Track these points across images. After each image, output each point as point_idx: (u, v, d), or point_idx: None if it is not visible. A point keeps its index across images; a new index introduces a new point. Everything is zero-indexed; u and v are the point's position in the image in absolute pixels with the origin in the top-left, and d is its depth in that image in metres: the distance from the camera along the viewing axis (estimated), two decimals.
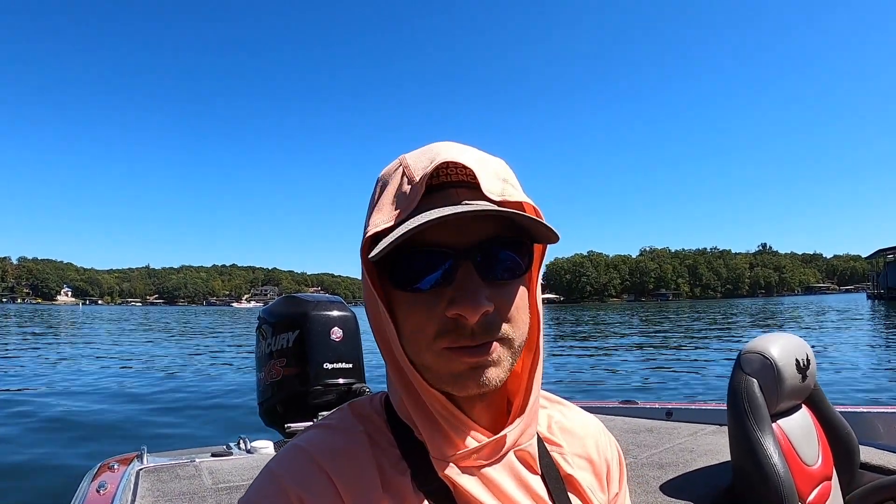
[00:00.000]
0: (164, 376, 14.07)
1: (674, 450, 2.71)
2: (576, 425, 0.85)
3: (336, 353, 2.41)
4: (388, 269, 0.67)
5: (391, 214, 0.66)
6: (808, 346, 2.17)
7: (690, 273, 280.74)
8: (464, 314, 0.63)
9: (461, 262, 0.65)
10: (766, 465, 1.86)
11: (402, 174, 0.69)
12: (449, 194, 0.67)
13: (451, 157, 0.66)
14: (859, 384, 10.82)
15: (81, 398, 10.62)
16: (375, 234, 0.66)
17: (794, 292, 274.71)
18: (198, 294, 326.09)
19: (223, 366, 16.67)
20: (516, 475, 0.72)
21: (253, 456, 2.72)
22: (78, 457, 6.36)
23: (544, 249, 0.77)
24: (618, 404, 3.75)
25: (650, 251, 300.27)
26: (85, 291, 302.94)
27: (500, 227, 0.68)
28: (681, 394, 10.76)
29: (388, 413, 0.75)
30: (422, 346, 0.66)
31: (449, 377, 0.66)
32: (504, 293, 0.67)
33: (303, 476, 0.66)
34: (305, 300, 2.48)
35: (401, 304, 0.68)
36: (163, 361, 17.56)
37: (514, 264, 0.69)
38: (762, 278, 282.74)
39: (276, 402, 2.38)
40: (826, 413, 2.24)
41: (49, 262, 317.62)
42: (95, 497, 2.16)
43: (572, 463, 0.79)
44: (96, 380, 13.28)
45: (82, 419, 8.73)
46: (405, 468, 0.69)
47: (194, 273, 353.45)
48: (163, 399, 10.72)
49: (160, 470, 2.47)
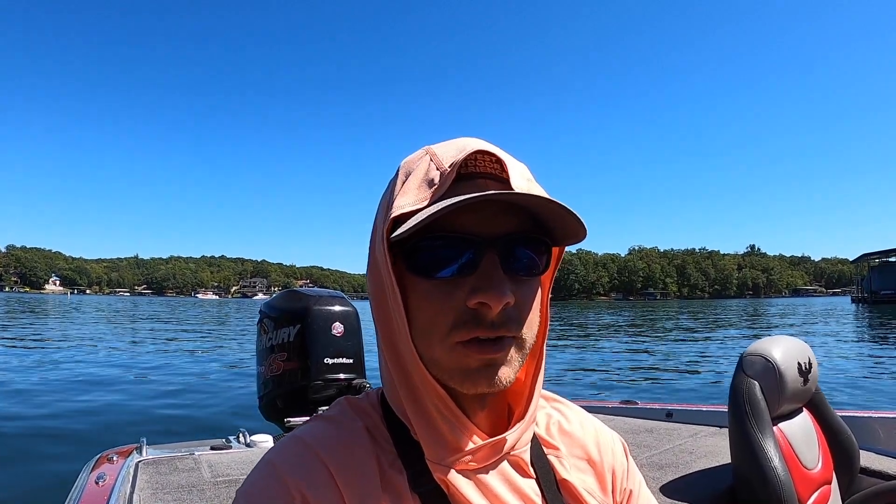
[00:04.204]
0: (164, 368, 14.00)
1: (674, 451, 2.71)
2: (575, 426, 0.84)
3: (337, 348, 2.40)
4: (406, 255, 0.66)
5: (418, 197, 0.65)
6: (811, 350, 2.18)
7: (678, 273, 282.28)
8: (488, 302, 0.62)
9: (486, 252, 0.64)
10: (766, 467, 1.86)
11: (430, 161, 0.68)
12: (477, 184, 0.66)
13: (482, 146, 0.66)
14: (841, 387, 10.89)
15: (80, 389, 10.54)
16: (395, 221, 0.65)
17: (781, 294, 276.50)
18: (186, 285, 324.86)
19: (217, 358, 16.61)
20: (512, 480, 0.72)
21: (252, 450, 2.71)
22: (76, 448, 6.31)
23: (560, 255, 0.76)
24: (618, 404, 3.74)
25: (639, 250, 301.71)
26: (73, 281, 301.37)
27: (524, 224, 0.67)
28: (668, 394, 10.80)
29: (384, 410, 0.74)
30: (434, 339, 0.65)
31: (459, 373, 0.65)
32: (523, 290, 0.67)
33: (302, 467, 0.65)
34: (307, 295, 2.46)
35: (415, 293, 0.66)
36: (165, 355, 17.46)
37: (534, 262, 0.68)
38: (750, 279, 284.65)
39: (276, 397, 2.37)
40: (827, 417, 2.24)
41: (37, 250, 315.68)
42: (94, 489, 2.15)
43: (570, 466, 0.78)
44: (94, 370, 13.19)
45: (81, 410, 8.68)
46: (401, 468, 0.68)
47: (183, 264, 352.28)
48: (162, 391, 10.67)
49: (159, 462, 2.47)
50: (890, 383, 11.78)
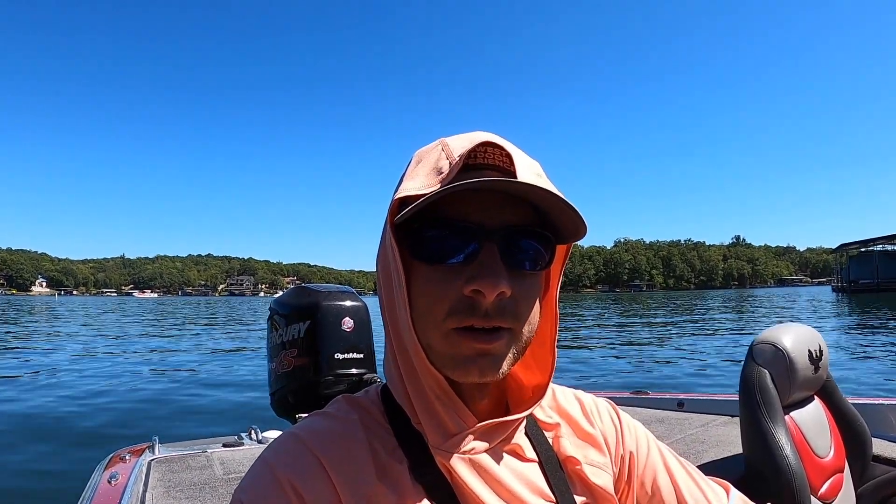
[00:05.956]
0: (172, 367, 14.02)
1: (685, 441, 2.71)
2: (568, 404, 0.85)
3: (347, 342, 2.38)
4: (411, 241, 0.67)
5: (424, 183, 0.66)
6: (821, 337, 2.14)
7: (664, 264, 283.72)
8: (482, 289, 0.63)
9: (486, 242, 0.65)
10: (778, 457, 1.85)
11: (441, 151, 0.69)
12: (483, 175, 0.66)
13: (491, 139, 0.67)
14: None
15: (88, 390, 10.51)
16: (403, 206, 0.66)
17: (766, 284, 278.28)
18: (173, 284, 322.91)
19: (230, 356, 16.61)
20: (514, 465, 0.73)
21: (264, 446, 2.70)
22: (89, 447, 6.33)
23: (568, 251, 0.77)
24: (629, 395, 3.75)
25: (624, 242, 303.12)
26: (60, 282, 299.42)
27: (528, 218, 0.68)
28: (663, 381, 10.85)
29: (386, 403, 0.75)
30: (430, 324, 0.66)
31: (452, 361, 0.66)
32: (522, 283, 0.67)
33: (295, 463, 0.66)
34: (317, 290, 2.45)
35: (417, 279, 0.67)
36: (172, 354, 17.44)
37: (537, 255, 0.69)
38: (735, 270, 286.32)
39: (287, 393, 2.36)
40: (839, 405, 2.21)
41: (23, 252, 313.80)
42: (107, 488, 2.14)
43: (570, 443, 0.79)
44: (106, 370, 13.20)
45: (91, 411, 8.67)
46: (402, 457, 0.69)
47: (169, 263, 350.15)
48: (175, 390, 10.70)
49: (171, 460, 2.46)
50: (866, 369, 11.90)
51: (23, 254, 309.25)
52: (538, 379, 0.78)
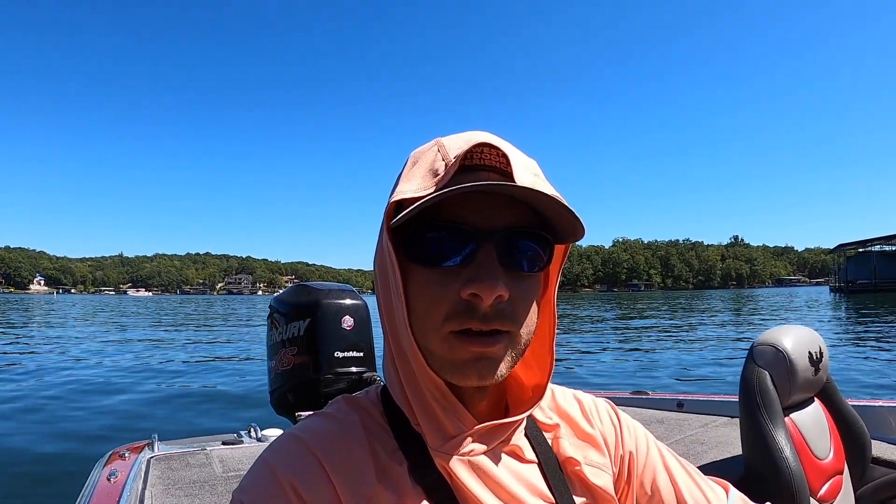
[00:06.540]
0: (170, 363, 14.03)
1: (685, 441, 2.71)
2: (568, 404, 0.84)
3: (347, 341, 2.38)
4: (407, 243, 0.67)
5: (420, 185, 0.66)
6: (822, 339, 2.14)
7: (663, 264, 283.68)
8: (480, 293, 0.62)
9: (483, 244, 0.64)
10: (777, 458, 1.84)
11: (437, 152, 0.68)
12: (480, 176, 0.66)
13: (487, 139, 0.66)
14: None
15: (88, 388, 10.51)
16: (400, 208, 0.65)
17: (764, 284, 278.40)
18: (171, 282, 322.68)
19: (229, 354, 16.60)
20: (513, 467, 0.72)
21: (263, 444, 2.70)
22: (89, 444, 6.33)
23: (566, 252, 0.77)
24: (629, 395, 3.74)
25: (623, 242, 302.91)
26: (58, 280, 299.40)
27: (525, 219, 0.67)
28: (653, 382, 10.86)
29: (386, 405, 0.74)
30: (428, 327, 0.65)
31: (451, 365, 0.65)
32: (520, 285, 0.67)
33: (295, 464, 0.66)
34: (317, 288, 2.44)
35: (415, 281, 0.67)
36: (172, 350, 17.45)
37: (535, 256, 0.68)
38: (734, 270, 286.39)
39: (286, 391, 2.35)
40: (838, 407, 2.20)
41: (21, 250, 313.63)
42: (106, 485, 2.13)
43: (569, 444, 0.79)
44: (104, 369, 13.15)
45: (91, 409, 8.67)
46: (402, 459, 0.69)
47: (168, 261, 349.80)
48: (173, 387, 10.69)
49: (171, 458, 2.45)
50: (864, 371, 11.88)
51: (21, 252, 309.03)
52: (538, 378, 0.78)
